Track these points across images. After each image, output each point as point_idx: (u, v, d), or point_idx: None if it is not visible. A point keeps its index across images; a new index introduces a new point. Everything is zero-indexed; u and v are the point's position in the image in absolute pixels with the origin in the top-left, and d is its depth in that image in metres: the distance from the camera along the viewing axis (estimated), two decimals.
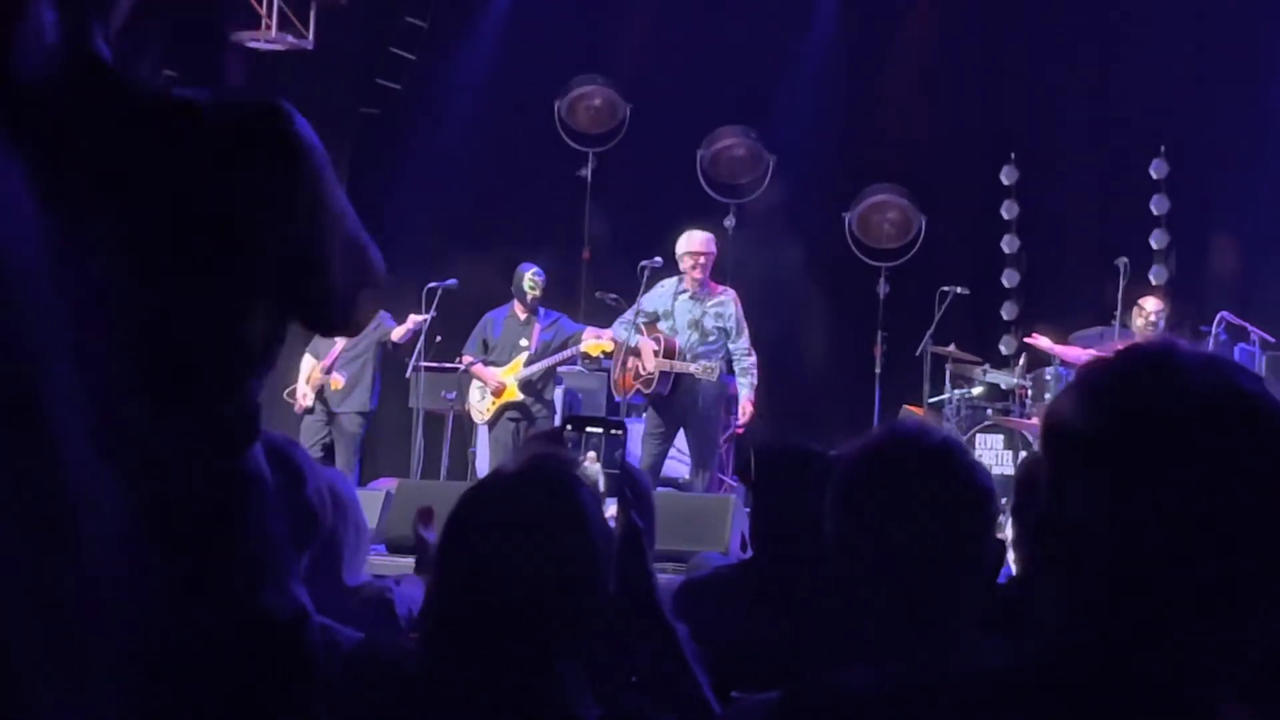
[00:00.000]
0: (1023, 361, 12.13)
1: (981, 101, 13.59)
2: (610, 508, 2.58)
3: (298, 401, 11.94)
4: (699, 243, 10.72)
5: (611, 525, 2.47)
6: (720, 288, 10.87)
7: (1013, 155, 13.91)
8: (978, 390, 12.23)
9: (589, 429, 2.57)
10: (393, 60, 14.26)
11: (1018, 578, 3.82)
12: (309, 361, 11.94)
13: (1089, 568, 1.58)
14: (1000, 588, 2.80)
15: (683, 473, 11.83)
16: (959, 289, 12.30)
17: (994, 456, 11.38)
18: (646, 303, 10.85)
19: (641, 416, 11.04)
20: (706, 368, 10.50)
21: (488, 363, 11.87)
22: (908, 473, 2.40)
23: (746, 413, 10.77)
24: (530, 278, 11.76)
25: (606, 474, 2.57)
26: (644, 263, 10.92)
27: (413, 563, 5.64)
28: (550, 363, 11.73)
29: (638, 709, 2.39)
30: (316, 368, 11.85)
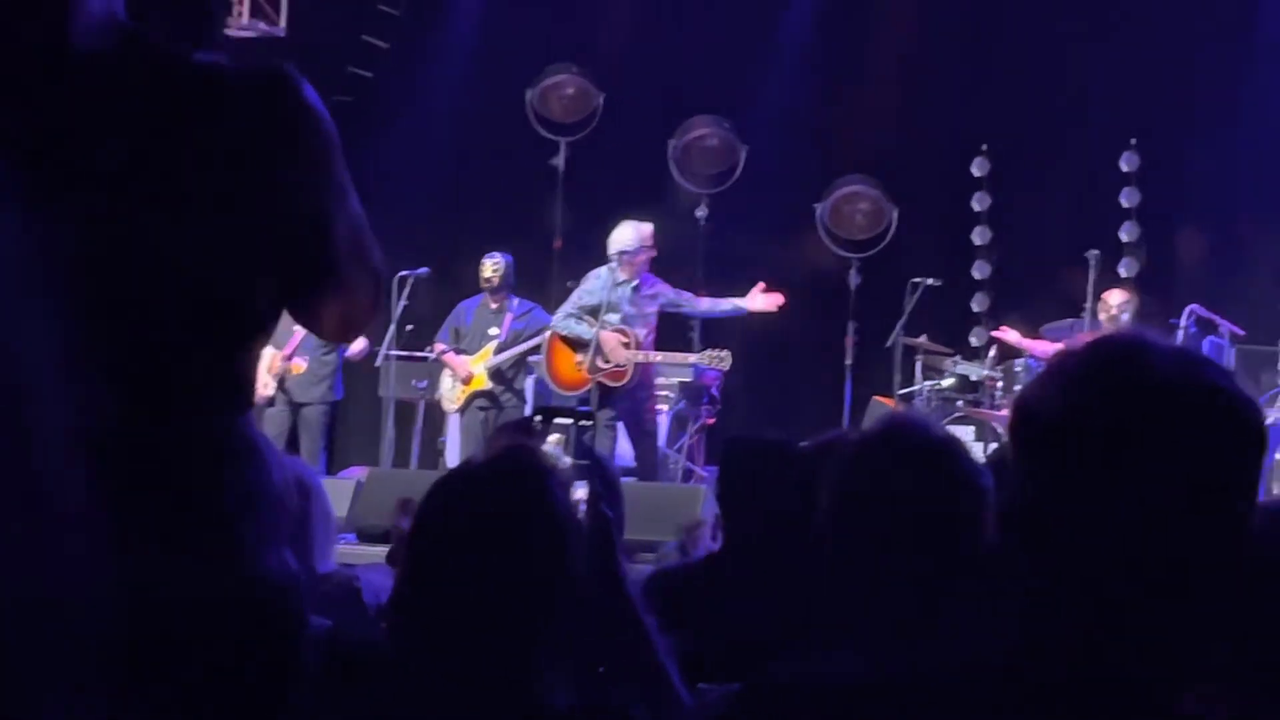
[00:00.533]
0: (993, 353, 12.16)
1: (954, 94, 13.60)
2: (579, 491, 2.58)
3: (258, 391, 11.87)
4: (648, 235, 10.72)
5: (582, 515, 2.47)
6: (650, 275, 10.83)
7: (984, 147, 13.93)
8: (948, 382, 12.25)
9: (558, 420, 2.56)
10: (365, 48, 14.22)
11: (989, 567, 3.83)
12: (269, 351, 11.89)
13: (1056, 558, 1.58)
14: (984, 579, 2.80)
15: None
16: (930, 281, 12.32)
17: None
18: (585, 296, 10.78)
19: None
20: (714, 356, 10.53)
21: (458, 351, 11.85)
22: (907, 463, 2.41)
23: (757, 298, 10.84)
24: (487, 264, 11.78)
25: (575, 464, 2.56)
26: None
27: (384, 552, 5.65)
28: (519, 351, 11.72)
29: (607, 699, 2.39)
30: (277, 356, 11.75)
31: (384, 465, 11.93)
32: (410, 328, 12.08)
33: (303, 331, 11.37)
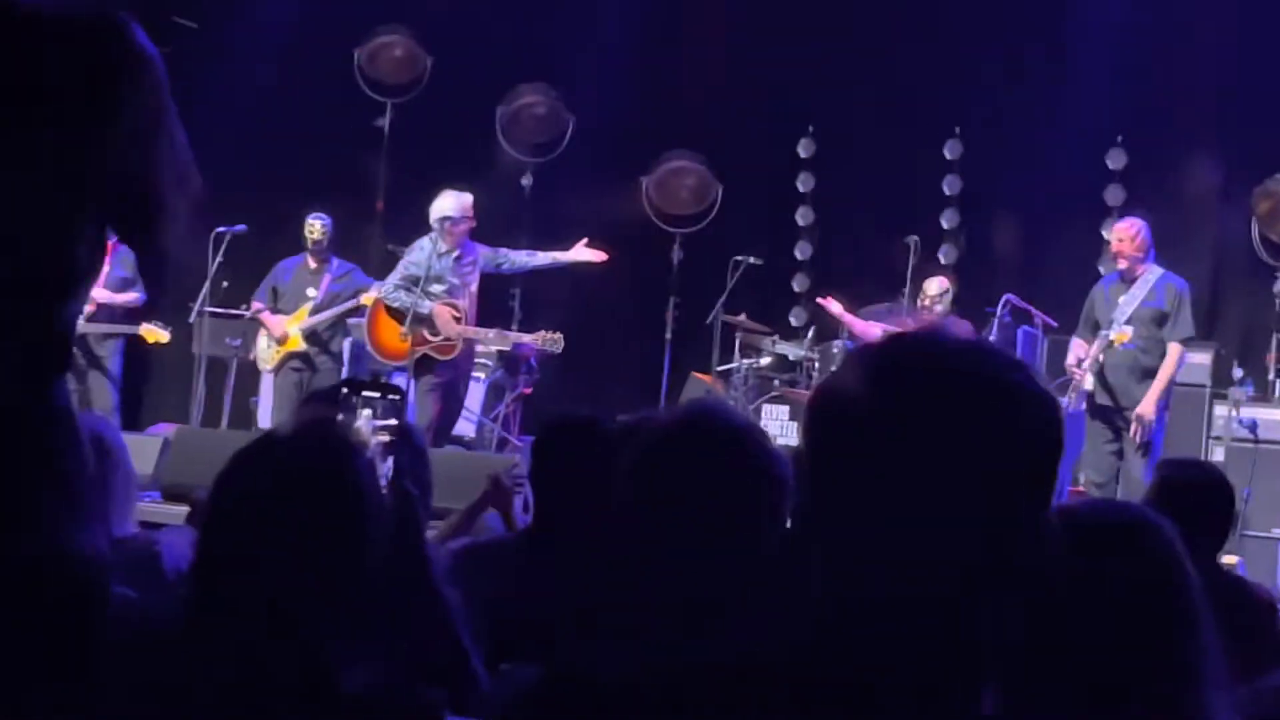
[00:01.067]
0: (811, 334, 12.28)
1: (782, 73, 13.64)
2: (386, 466, 2.53)
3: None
4: (468, 205, 10.63)
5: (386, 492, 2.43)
6: (469, 242, 10.73)
7: (810, 129, 14.04)
8: (766, 360, 12.33)
9: (366, 393, 2.52)
10: None
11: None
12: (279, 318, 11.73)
13: (845, 553, 1.57)
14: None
15: (469, 431, 11.76)
16: (752, 259, 12.38)
17: (779, 428, 11.49)
18: (410, 267, 10.65)
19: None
20: (547, 338, 10.48)
21: (275, 311, 11.70)
22: (707, 451, 2.38)
23: (581, 251, 10.83)
24: (316, 224, 11.65)
25: (382, 440, 2.52)
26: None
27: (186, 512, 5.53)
28: (335, 313, 11.60)
29: (404, 680, 2.34)
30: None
31: (194, 423, 11.74)
32: (225, 284, 11.86)
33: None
